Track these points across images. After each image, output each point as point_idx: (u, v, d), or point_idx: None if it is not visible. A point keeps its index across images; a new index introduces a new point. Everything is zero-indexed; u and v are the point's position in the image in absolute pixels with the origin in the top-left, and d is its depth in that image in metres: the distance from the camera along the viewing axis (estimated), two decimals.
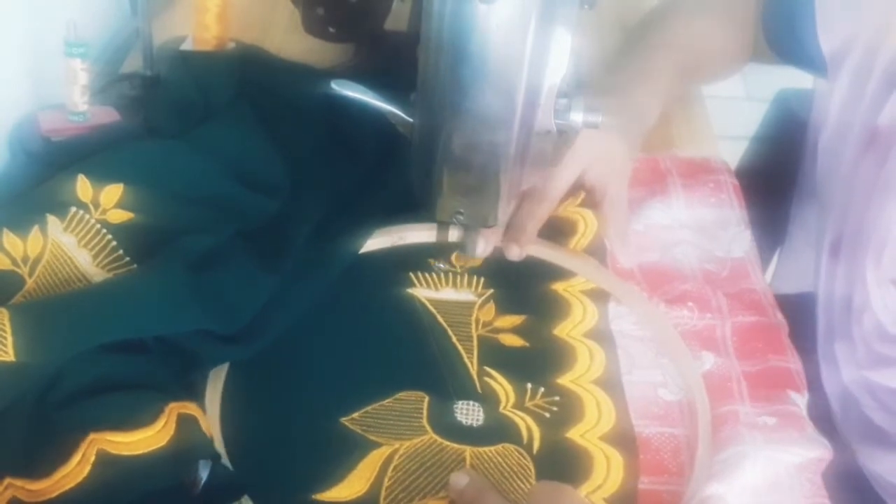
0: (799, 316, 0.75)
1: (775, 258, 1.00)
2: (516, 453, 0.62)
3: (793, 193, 0.92)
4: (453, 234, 0.70)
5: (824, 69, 0.74)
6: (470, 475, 0.57)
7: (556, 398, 0.65)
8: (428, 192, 0.60)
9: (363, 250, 0.73)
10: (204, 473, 0.58)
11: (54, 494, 0.53)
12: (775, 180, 0.90)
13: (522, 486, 0.60)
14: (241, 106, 0.77)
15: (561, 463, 0.62)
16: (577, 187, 0.76)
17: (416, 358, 0.67)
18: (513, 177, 0.58)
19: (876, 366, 0.69)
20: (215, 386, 0.63)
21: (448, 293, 0.72)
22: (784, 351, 0.69)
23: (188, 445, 0.57)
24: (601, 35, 0.87)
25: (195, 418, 0.58)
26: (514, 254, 0.71)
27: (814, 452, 0.62)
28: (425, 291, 0.72)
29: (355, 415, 0.63)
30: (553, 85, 0.55)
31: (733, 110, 1.41)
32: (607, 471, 0.61)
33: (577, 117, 0.57)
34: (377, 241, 0.73)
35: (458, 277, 0.73)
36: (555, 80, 0.55)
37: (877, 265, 0.67)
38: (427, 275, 0.73)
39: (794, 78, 0.79)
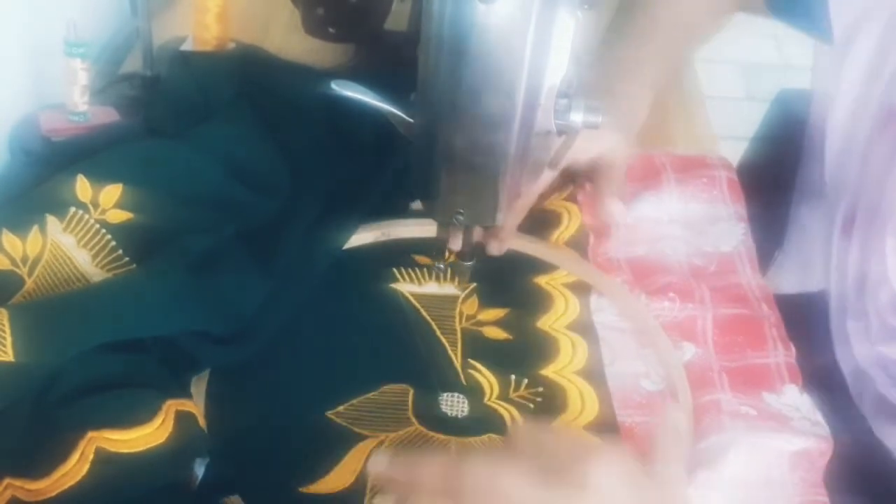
0: (798, 317, 0.75)
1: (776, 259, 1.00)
2: (501, 444, 0.62)
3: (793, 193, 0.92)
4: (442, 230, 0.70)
5: (828, 35, 0.73)
6: (387, 454, 0.49)
7: (540, 389, 0.66)
8: (428, 192, 0.60)
9: (347, 246, 0.73)
10: (199, 471, 0.58)
11: (54, 493, 0.53)
12: (776, 180, 0.90)
13: None
14: (241, 106, 0.77)
15: None
16: (566, 181, 0.76)
17: (400, 351, 0.67)
18: (513, 177, 0.58)
19: (891, 340, 0.69)
20: (199, 381, 0.63)
21: (431, 287, 0.72)
22: (765, 344, 0.69)
23: (187, 442, 0.57)
24: (601, 35, 0.87)
25: (193, 415, 0.58)
26: (495, 249, 0.72)
27: (802, 442, 0.62)
28: (409, 286, 0.72)
29: (341, 408, 0.63)
30: (553, 85, 0.55)
31: (733, 110, 1.41)
32: None
33: (577, 117, 0.57)
34: (362, 237, 0.74)
35: (442, 271, 0.73)
36: (555, 80, 0.55)
37: (895, 236, 0.67)
38: (410, 270, 0.73)
39: (794, 78, 0.79)
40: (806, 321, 0.76)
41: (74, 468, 0.53)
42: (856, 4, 0.71)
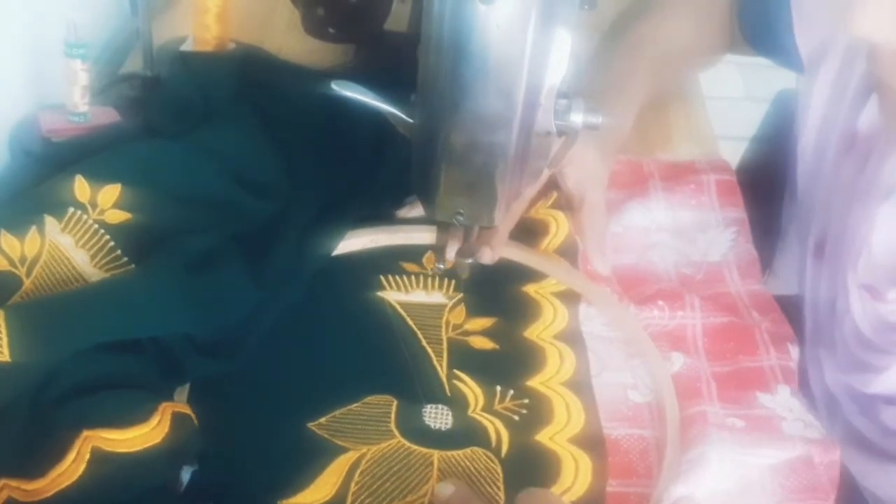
0: (793, 318, 0.75)
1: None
2: (485, 457, 0.61)
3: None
4: (442, 230, 0.70)
5: (801, 67, 0.74)
6: (455, 485, 0.57)
7: (526, 400, 0.65)
8: (428, 191, 0.60)
9: (336, 252, 0.72)
10: (185, 476, 0.57)
11: (50, 493, 0.53)
12: (775, 181, 0.90)
13: (491, 490, 0.60)
14: (240, 106, 0.77)
15: (529, 466, 0.61)
16: (551, 188, 0.76)
17: (385, 361, 0.66)
18: (512, 177, 0.58)
19: (855, 371, 0.69)
20: (180, 391, 0.62)
21: (418, 296, 0.71)
22: (756, 349, 0.69)
23: (182, 443, 0.56)
24: (601, 35, 0.87)
25: (189, 416, 0.58)
26: (487, 257, 0.71)
27: (787, 453, 0.62)
28: (395, 294, 0.71)
29: (322, 420, 0.62)
30: (553, 85, 0.55)
31: (733, 110, 1.41)
32: (575, 474, 0.61)
33: (576, 118, 0.57)
34: (350, 244, 0.73)
35: (429, 280, 0.72)
36: (555, 80, 0.55)
37: (855, 270, 0.67)
38: (398, 277, 0.72)
39: (794, 78, 0.79)
40: (798, 325, 0.76)
41: (70, 468, 0.53)
42: (819, 32, 0.71)
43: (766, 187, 0.90)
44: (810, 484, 0.61)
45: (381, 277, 0.72)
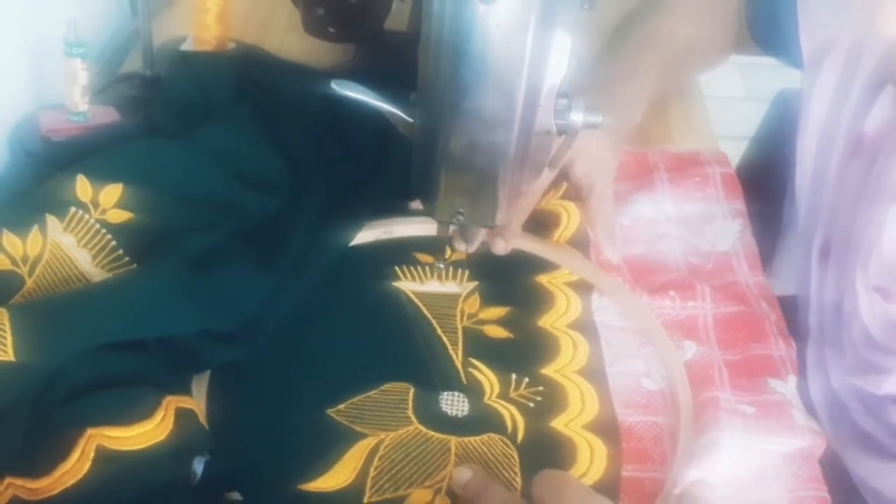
0: (792, 319, 0.75)
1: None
2: (501, 443, 0.62)
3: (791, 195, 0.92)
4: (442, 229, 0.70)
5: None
6: (473, 469, 0.58)
7: (540, 388, 0.66)
8: (428, 192, 0.61)
9: (350, 244, 0.74)
10: (199, 467, 0.58)
11: (55, 492, 0.53)
12: (775, 181, 0.90)
13: (507, 475, 0.61)
14: (241, 106, 0.77)
15: (545, 452, 0.62)
16: (561, 179, 0.76)
17: (401, 350, 0.67)
18: (513, 177, 0.59)
19: (863, 372, 0.69)
20: (201, 378, 0.63)
21: (433, 286, 0.72)
22: (767, 338, 0.69)
23: (187, 439, 0.57)
24: (601, 35, 0.87)
25: (193, 412, 0.59)
26: (500, 248, 0.72)
27: (798, 441, 0.62)
28: (410, 284, 0.72)
29: (341, 406, 0.63)
30: (553, 85, 0.55)
31: (733, 110, 1.41)
32: (591, 459, 0.62)
33: (577, 117, 0.57)
34: (364, 235, 0.74)
35: (443, 270, 0.73)
36: (555, 80, 0.55)
37: (864, 272, 0.67)
38: (412, 268, 0.73)
39: (794, 78, 0.79)
40: (794, 325, 0.76)
41: (75, 466, 0.54)
42: (822, 30, 0.71)
43: (765, 188, 0.90)
44: (820, 474, 0.62)
45: (396, 268, 0.73)
